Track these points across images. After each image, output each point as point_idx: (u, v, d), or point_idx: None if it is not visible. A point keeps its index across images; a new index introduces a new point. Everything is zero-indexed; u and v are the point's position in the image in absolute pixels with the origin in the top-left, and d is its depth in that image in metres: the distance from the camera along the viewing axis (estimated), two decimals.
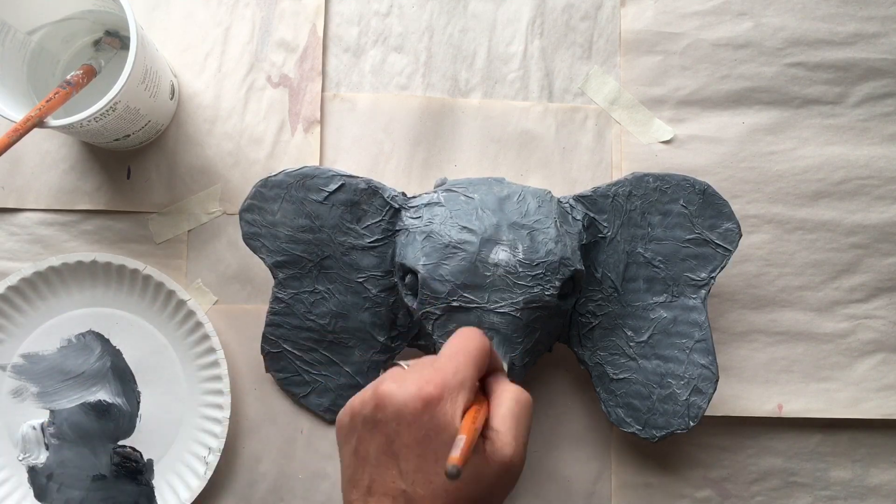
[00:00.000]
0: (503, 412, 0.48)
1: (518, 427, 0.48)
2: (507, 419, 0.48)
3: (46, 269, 0.68)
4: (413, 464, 0.45)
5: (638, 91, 0.74)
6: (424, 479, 0.45)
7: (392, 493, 0.45)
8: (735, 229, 0.64)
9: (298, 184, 0.65)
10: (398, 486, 0.45)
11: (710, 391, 0.64)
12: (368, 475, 0.47)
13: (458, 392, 0.47)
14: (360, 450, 0.48)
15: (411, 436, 0.45)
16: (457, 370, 0.47)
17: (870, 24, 0.74)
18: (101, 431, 0.69)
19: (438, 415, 0.45)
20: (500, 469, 0.46)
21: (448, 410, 0.46)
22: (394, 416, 0.46)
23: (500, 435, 0.47)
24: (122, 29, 0.69)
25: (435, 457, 0.45)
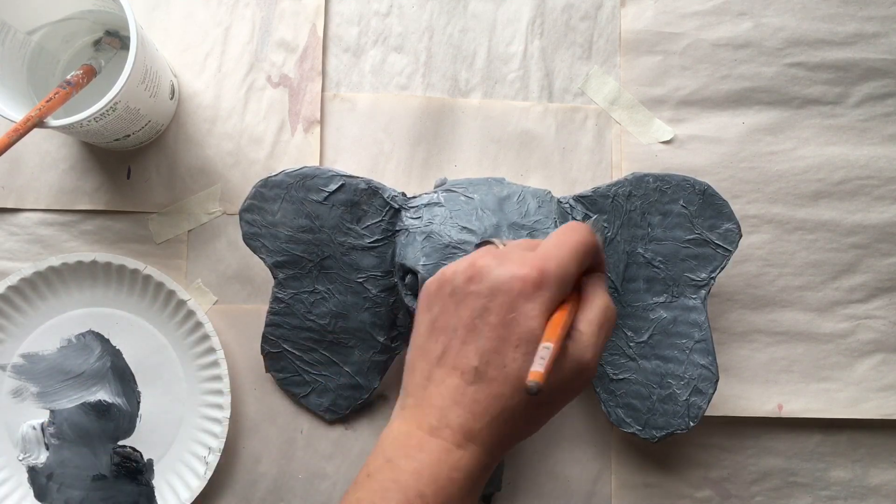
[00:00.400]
0: (591, 317, 0.47)
1: (601, 335, 0.47)
2: (594, 324, 0.47)
3: (46, 269, 0.68)
4: (492, 344, 0.44)
5: (638, 91, 0.74)
6: (499, 362, 0.44)
7: (463, 368, 0.45)
8: (735, 229, 0.64)
9: (298, 184, 0.65)
10: (471, 362, 0.45)
11: (709, 391, 0.64)
12: (442, 346, 0.46)
13: (556, 286, 0.45)
14: (441, 319, 0.47)
15: (499, 316, 0.45)
16: (560, 263, 0.46)
17: (870, 24, 0.74)
18: (101, 431, 0.69)
19: (532, 302, 0.44)
20: (575, 369, 0.45)
21: (543, 300, 0.45)
22: (487, 292, 0.45)
23: (584, 337, 0.46)
24: (122, 29, 0.69)
25: (516, 342, 0.44)
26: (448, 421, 0.44)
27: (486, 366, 0.44)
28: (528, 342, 0.44)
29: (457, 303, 0.46)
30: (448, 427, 0.44)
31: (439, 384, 0.45)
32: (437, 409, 0.45)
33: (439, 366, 0.46)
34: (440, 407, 0.45)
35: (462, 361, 0.45)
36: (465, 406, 0.44)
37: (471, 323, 0.45)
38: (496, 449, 0.45)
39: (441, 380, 0.46)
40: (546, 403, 0.46)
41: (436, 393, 0.45)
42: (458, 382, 0.45)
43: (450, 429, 0.44)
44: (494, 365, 0.44)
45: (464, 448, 0.44)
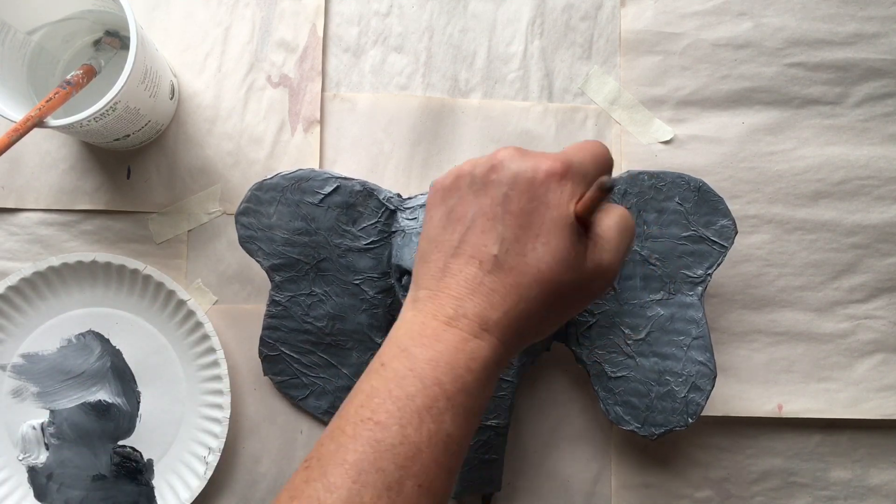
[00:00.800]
0: (610, 223, 0.47)
1: (620, 240, 0.46)
2: (613, 230, 0.46)
3: (46, 269, 0.68)
4: (513, 232, 0.44)
5: (638, 91, 0.74)
6: (520, 250, 0.44)
7: (481, 257, 0.45)
8: (731, 226, 0.64)
9: (294, 186, 0.65)
10: (490, 250, 0.44)
11: (708, 388, 0.64)
12: (459, 235, 0.46)
13: (579, 179, 0.45)
14: (458, 210, 0.46)
15: (520, 204, 0.44)
16: (582, 161, 0.46)
17: (870, 25, 0.74)
18: (101, 431, 0.69)
19: (555, 190, 0.44)
20: (594, 270, 0.45)
21: (566, 191, 0.44)
22: (508, 180, 0.45)
23: (603, 241, 0.46)
24: (122, 29, 0.69)
25: (537, 231, 0.44)
26: (465, 310, 0.44)
27: (506, 254, 0.44)
28: (550, 231, 0.44)
29: (476, 192, 0.46)
30: (465, 317, 0.44)
31: (456, 274, 0.45)
32: (453, 298, 0.44)
33: (455, 256, 0.45)
34: (456, 297, 0.44)
35: (481, 250, 0.45)
36: (482, 295, 0.44)
37: (491, 211, 0.45)
38: (512, 342, 0.45)
39: (458, 270, 0.45)
40: (562, 302, 0.45)
41: (452, 283, 0.45)
42: (475, 272, 0.44)
43: (466, 318, 0.44)
44: (514, 253, 0.44)
45: (480, 338, 0.44)
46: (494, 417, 0.63)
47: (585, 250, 0.45)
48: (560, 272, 0.44)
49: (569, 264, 0.44)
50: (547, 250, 0.44)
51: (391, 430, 0.41)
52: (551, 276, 0.44)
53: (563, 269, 0.44)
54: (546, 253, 0.44)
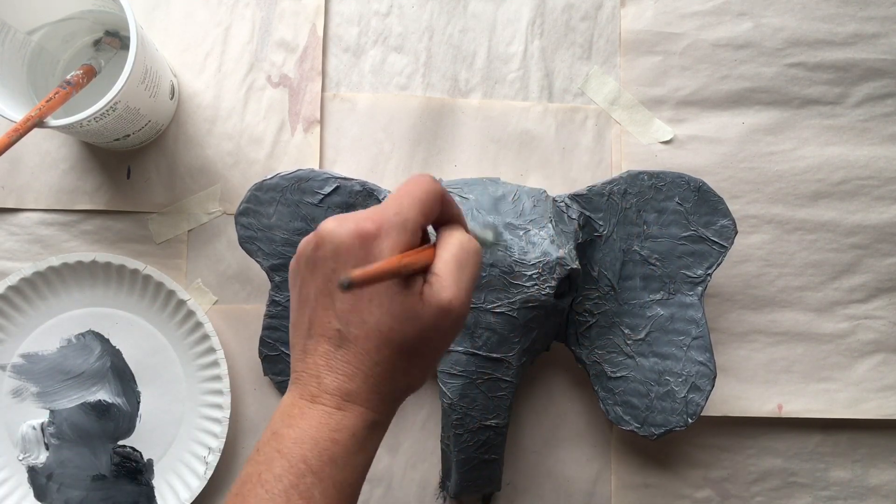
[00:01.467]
0: (446, 257, 0.46)
1: (461, 272, 0.46)
2: (450, 263, 0.46)
3: (46, 269, 0.68)
4: (347, 303, 0.44)
5: (638, 91, 0.74)
6: (358, 319, 0.44)
7: (328, 334, 0.45)
8: (731, 226, 0.64)
9: (293, 187, 0.65)
10: (333, 326, 0.45)
11: (708, 388, 0.64)
12: (308, 317, 0.46)
13: (397, 231, 0.45)
14: (303, 292, 0.47)
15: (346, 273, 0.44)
16: (399, 210, 0.46)
17: (870, 25, 0.74)
18: (101, 431, 0.69)
19: (373, 252, 0.44)
20: (436, 312, 0.45)
21: (384, 248, 0.44)
22: (331, 254, 0.45)
23: (440, 279, 0.45)
24: (122, 29, 0.69)
25: (368, 296, 0.44)
26: (325, 386, 0.45)
27: (348, 326, 0.44)
28: (380, 292, 0.44)
29: (311, 271, 0.46)
30: (326, 392, 0.44)
31: (313, 353, 0.46)
32: (313, 377, 0.45)
33: (310, 336, 0.46)
34: (316, 375, 0.45)
35: (326, 328, 0.45)
36: (337, 369, 0.45)
37: (325, 287, 0.45)
38: (380, 405, 0.45)
39: (314, 349, 0.46)
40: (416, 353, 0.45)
41: (311, 363, 0.45)
42: (327, 348, 0.45)
43: (327, 394, 0.44)
44: (355, 323, 0.44)
45: (344, 409, 0.44)
46: (494, 417, 0.63)
47: (421, 296, 0.45)
48: (400, 328, 0.44)
49: (405, 318, 0.44)
50: (382, 311, 0.44)
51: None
52: (392, 335, 0.44)
53: (401, 324, 0.44)
54: (382, 314, 0.44)
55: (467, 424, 0.63)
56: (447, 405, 0.63)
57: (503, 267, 0.61)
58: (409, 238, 0.45)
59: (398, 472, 0.71)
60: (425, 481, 0.71)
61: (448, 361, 0.62)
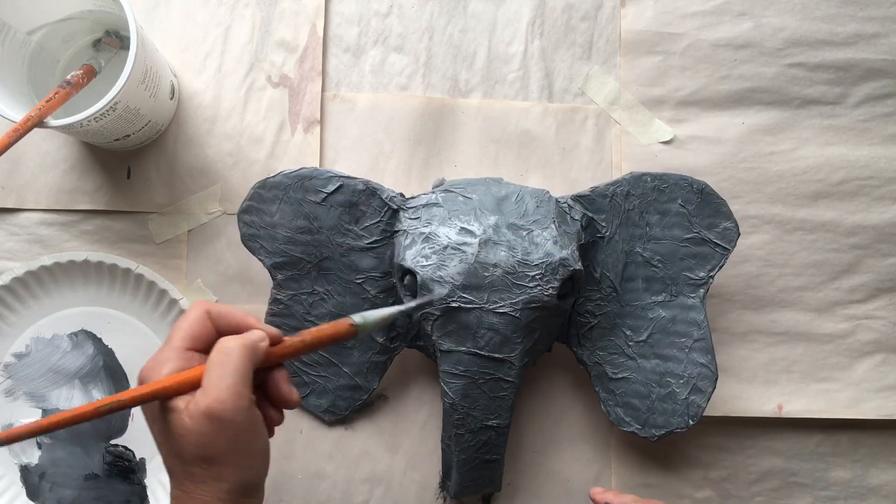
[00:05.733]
0: (207, 365, 0.47)
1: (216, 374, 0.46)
2: (209, 371, 0.47)
3: (39, 269, 0.68)
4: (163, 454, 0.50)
5: (638, 91, 0.74)
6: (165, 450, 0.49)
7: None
8: (733, 228, 0.64)
9: (296, 185, 0.65)
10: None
11: (709, 390, 0.64)
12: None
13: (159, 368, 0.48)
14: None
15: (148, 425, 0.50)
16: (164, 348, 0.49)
17: (870, 25, 0.74)
18: (94, 430, 0.69)
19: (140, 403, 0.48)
20: (201, 421, 0.46)
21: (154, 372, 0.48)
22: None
23: (201, 389, 0.46)
24: (122, 29, 0.69)
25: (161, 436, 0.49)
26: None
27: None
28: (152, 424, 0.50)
29: None
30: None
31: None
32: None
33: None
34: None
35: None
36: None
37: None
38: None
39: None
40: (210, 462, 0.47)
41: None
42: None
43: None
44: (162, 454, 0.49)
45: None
46: (495, 418, 0.63)
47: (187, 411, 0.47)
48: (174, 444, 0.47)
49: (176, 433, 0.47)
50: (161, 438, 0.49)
51: None
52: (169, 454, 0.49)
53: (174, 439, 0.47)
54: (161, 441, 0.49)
55: (469, 424, 0.63)
56: (449, 405, 0.63)
57: (506, 267, 0.61)
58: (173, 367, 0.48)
59: (398, 472, 0.71)
60: (425, 481, 0.71)
61: (450, 361, 0.62)
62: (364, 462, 0.71)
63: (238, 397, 0.46)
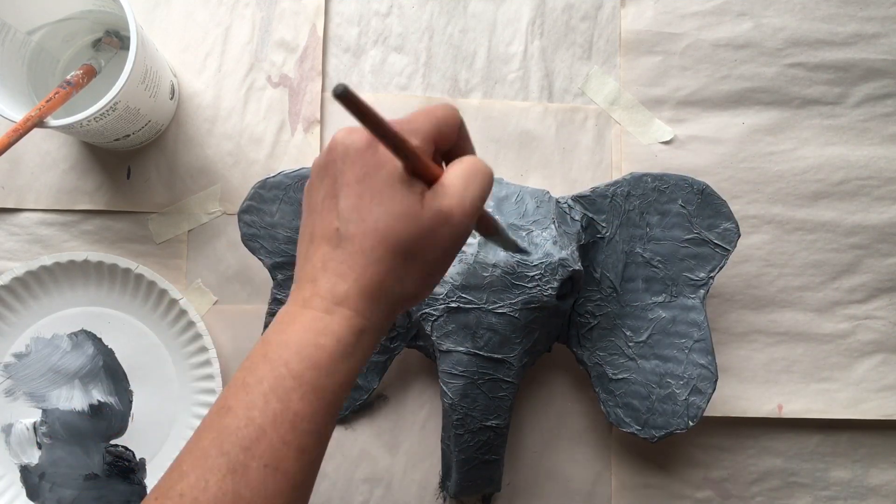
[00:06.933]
0: (454, 171, 0.46)
1: (466, 185, 0.45)
2: (456, 177, 0.45)
3: (39, 269, 0.68)
4: (350, 201, 0.44)
5: (638, 91, 0.74)
6: (358, 217, 0.44)
7: (328, 235, 0.45)
8: (734, 229, 0.64)
9: (296, 185, 0.65)
10: (334, 225, 0.45)
11: (709, 391, 0.64)
12: (312, 223, 0.46)
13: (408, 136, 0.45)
14: (311, 202, 0.47)
15: (353, 173, 0.44)
16: (412, 121, 0.45)
17: (870, 25, 0.74)
18: (94, 430, 0.69)
19: (380, 151, 0.44)
20: (435, 216, 0.44)
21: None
22: (341, 156, 0.45)
23: (443, 187, 0.45)
24: (122, 29, 0.69)
25: (371, 194, 0.44)
26: (318, 289, 0.44)
27: (347, 224, 0.44)
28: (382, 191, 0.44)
29: (321, 178, 0.46)
30: (317, 295, 0.44)
31: (311, 258, 0.45)
32: (309, 282, 0.45)
33: (311, 242, 0.46)
34: (311, 279, 0.45)
35: (327, 229, 0.45)
36: (331, 270, 0.44)
37: (332, 191, 0.45)
38: (369, 311, 0.45)
39: (312, 254, 0.46)
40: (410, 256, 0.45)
41: (308, 268, 0.45)
42: (325, 250, 0.45)
43: (319, 296, 0.44)
44: (354, 221, 0.44)
45: (332, 313, 0.44)
46: (495, 418, 0.63)
47: (422, 199, 0.45)
48: (397, 227, 0.44)
49: (404, 217, 0.44)
50: (382, 209, 0.44)
51: (237, 415, 0.41)
52: (388, 233, 0.44)
53: (399, 223, 0.44)
54: (381, 212, 0.44)
55: (468, 425, 0.63)
56: (448, 405, 0.63)
57: (506, 268, 0.61)
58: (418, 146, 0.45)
59: (398, 472, 0.71)
60: (425, 481, 0.71)
61: (449, 361, 0.62)
62: (364, 462, 0.71)
63: (474, 215, 0.46)
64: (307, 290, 0.45)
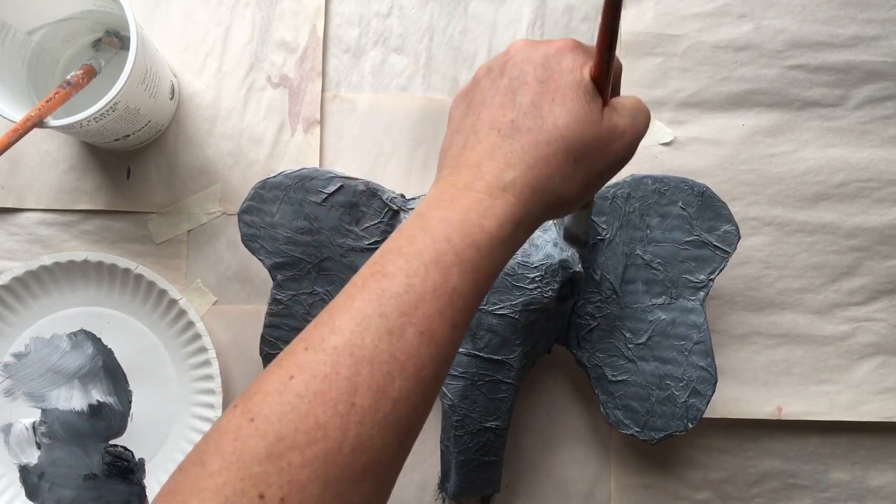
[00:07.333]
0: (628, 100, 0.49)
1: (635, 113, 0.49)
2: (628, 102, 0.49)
3: (38, 269, 0.68)
4: (529, 98, 0.46)
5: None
6: (536, 114, 0.45)
7: (499, 126, 0.46)
8: (734, 231, 0.64)
9: (297, 185, 0.65)
10: (509, 117, 0.46)
11: (708, 393, 0.64)
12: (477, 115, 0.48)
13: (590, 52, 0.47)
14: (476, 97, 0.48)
15: (536, 74, 0.46)
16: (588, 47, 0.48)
17: (870, 27, 0.74)
18: (93, 430, 0.69)
19: (568, 58, 0.46)
20: (612, 130, 0.47)
21: (579, 58, 0.46)
22: (522, 59, 0.47)
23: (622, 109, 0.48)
24: (122, 29, 0.69)
25: (553, 95, 0.46)
26: (482, 174, 0.45)
27: (524, 117, 0.46)
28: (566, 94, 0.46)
29: (493, 79, 0.48)
30: (482, 179, 0.45)
31: (475, 146, 0.46)
32: (472, 167, 0.46)
33: (475, 132, 0.47)
34: (475, 164, 0.46)
35: (499, 120, 0.46)
36: (499, 158, 0.45)
37: (508, 86, 0.47)
38: (530, 202, 0.45)
39: (477, 142, 0.47)
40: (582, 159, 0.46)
41: (472, 154, 0.46)
42: (494, 139, 0.46)
43: (483, 181, 0.45)
44: (531, 116, 0.46)
45: (496, 197, 0.44)
46: (494, 419, 0.63)
47: (601, 111, 0.47)
48: (576, 129, 0.45)
49: (585, 121, 0.46)
50: (563, 110, 0.45)
51: (397, 280, 0.41)
52: (567, 133, 0.45)
53: (579, 125, 0.45)
54: (563, 112, 0.45)
55: (467, 426, 0.63)
56: (448, 406, 0.63)
57: (506, 269, 0.61)
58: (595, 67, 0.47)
59: None
60: (425, 482, 0.71)
61: None
62: None
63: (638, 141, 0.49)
64: (467, 174, 0.46)
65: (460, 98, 0.50)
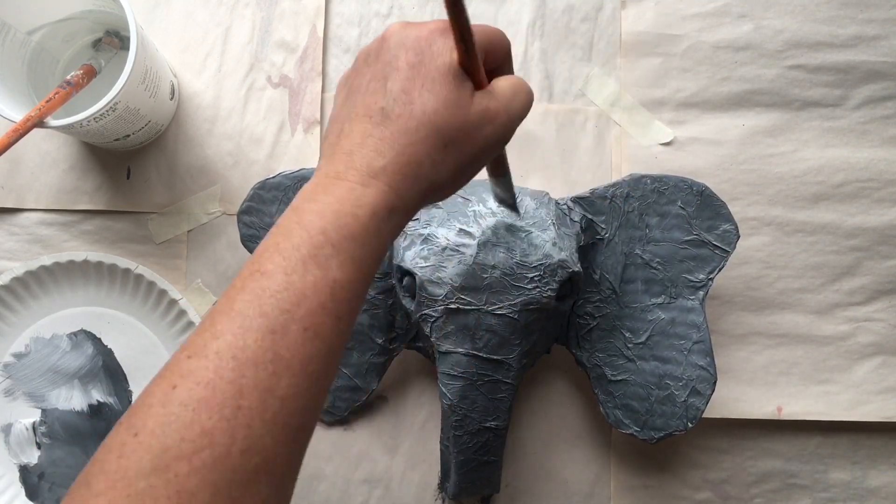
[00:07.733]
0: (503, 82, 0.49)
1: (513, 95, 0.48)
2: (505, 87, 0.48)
3: (38, 269, 0.68)
4: (399, 84, 0.46)
5: (638, 93, 0.73)
6: (406, 100, 0.45)
7: (371, 113, 0.46)
8: (733, 230, 0.64)
9: (296, 186, 0.65)
10: (379, 104, 0.46)
11: (708, 392, 0.64)
12: (353, 102, 0.47)
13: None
14: (354, 84, 0.48)
15: (407, 59, 0.46)
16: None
17: (870, 27, 0.74)
18: (93, 431, 0.69)
19: (438, 42, 0.46)
20: (482, 114, 0.46)
21: (449, 42, 0.46)
22: (396, 43, 0.47)
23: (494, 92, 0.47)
24: (122, 29, 0.69)
25: (422, 80, 0.46)
26: (353, 163, 0.45)
27: (393, 104, 0.46)
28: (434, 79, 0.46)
29: (369, 64, 0.48)
30: (353, 168, 0.45)
31: (348, 134, 0.46)
32: (344, 155, 0.46)
33: (349, 119, 0.47)
34: (347, 152, 0.46)
35: (370, 107, 0.46)
36: (370, 146, 0.45)
37: (381, 72, 0.47)
38: (402, 188, 0.46)
39: (350, 130, 0.47)
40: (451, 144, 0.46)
41: (345, 143, 0.46)
42: (366, 126, 0.46)
43: (354, 169, 0.45)
44: (401, 102, 0.45)
45: (367, 185, 0.44)
46: (494, 419, 0.63)
47: (472, 95, 0.47)
48: (444, 114, 0.45)
49: (453, 106, 0.46)
50: (431, 95, 0.45)
51: (276, 278, 0.41)
52: (435, 118, 0.45)
53: (447, 110, 0.45)
54: (430, 97, 0.45)
55: (467, 426, 0.63)
56: (447, 406, 0.63)
57: (505, 269, 0.60)
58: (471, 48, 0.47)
59: (397, 473, 0.71)
60: (424, 482, 0.71)
61: (448, 363, 0.62)
62: (363, 463, 0.71)
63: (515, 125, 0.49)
64: (340, 162, 0.46)
65: (342, 84, 0.50)
